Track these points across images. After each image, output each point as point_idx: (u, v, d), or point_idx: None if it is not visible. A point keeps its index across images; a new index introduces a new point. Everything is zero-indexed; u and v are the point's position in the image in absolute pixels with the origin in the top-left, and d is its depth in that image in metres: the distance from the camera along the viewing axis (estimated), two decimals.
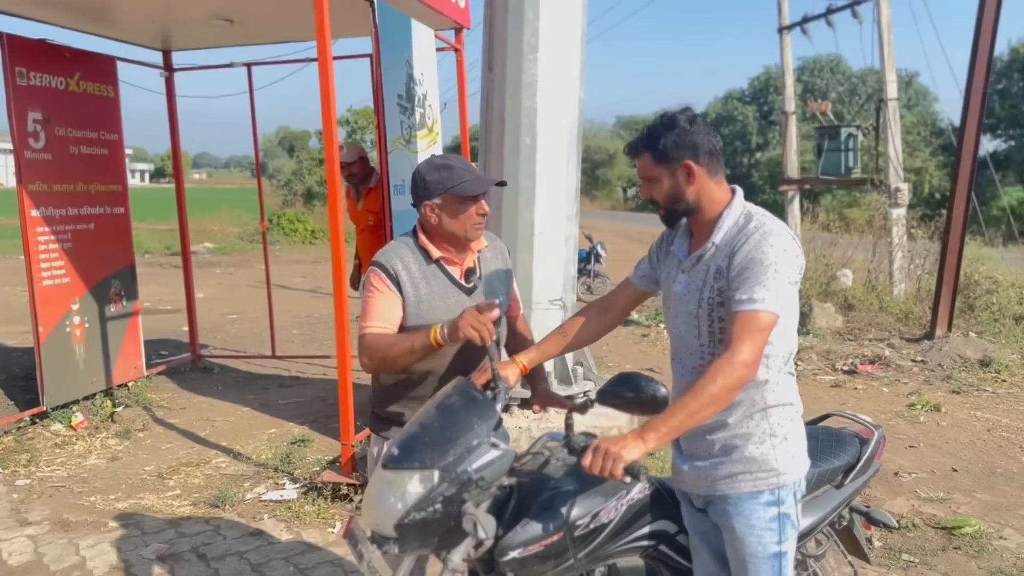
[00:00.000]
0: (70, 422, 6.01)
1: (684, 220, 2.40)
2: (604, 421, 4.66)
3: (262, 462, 5.41)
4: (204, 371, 7.90)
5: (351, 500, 4.72)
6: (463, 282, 2.73)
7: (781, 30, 16.43)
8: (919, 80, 45.83)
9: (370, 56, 7.00)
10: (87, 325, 6.42)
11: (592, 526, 2.33)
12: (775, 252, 2.15)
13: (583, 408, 2.24)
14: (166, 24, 6.44)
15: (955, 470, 5.50)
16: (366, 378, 6.31)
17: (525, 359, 2.64)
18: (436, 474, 2.14)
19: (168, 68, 7.51)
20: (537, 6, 4.41)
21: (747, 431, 2.28)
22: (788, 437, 2.31)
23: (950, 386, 7.57)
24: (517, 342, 2.94)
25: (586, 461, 2.07)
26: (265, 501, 4.84)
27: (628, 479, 2.04)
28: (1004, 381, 7.65)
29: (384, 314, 2.64)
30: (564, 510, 2.30)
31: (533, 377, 2.80)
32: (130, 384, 6.87)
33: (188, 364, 7.97)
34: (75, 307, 6.30)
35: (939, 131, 42.41)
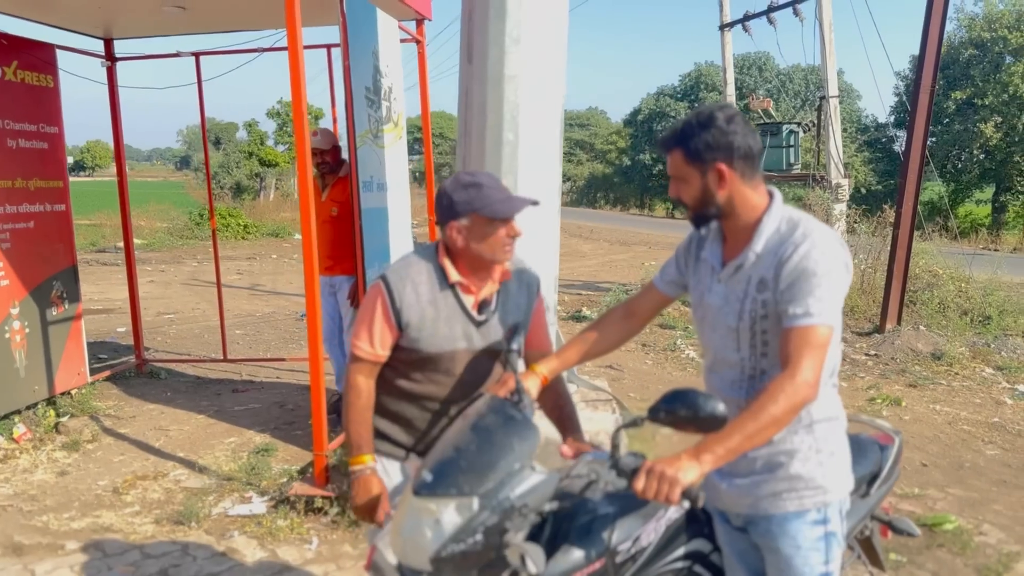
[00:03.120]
0: (11, 434, 5.61)
1: (715, 224, 2.28)
2: None
3: (225, 474, 5.11)
4: (151, 376, 7.50)
5: (326, 513, 4.50)
6: (475, 313, 2.56)
7: (722, 27, 16.55)
8: (844, 78, 46.96)
9: (328, 47, 6.78)
10: (27, 330, 6.01)
11: (633, 551, 2.20)
12: (827, 261, 2.04)
13: (633, 425, 2.09)
14: (113, 11, 6.05)
15: (925, 465, 5.55)
16: (330, 382, 6.10)
17: (546, 369, 2.50)
18: (475, 502, 1.98)
19: (110, 57, 7.08)
20: None
21: (792, 447, 2.18)
22: (835, 452, 2.21)
23: (906, 379, 7.68)
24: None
25: (639, 485, 1.93)
26: (233, 516, 4.58)
27: (687, 504, 1.91)
28: (957, 374, 7.80)
29: (378, 339, 2.53)
30: (605, 535, 2.16)
31: (562, 424, 2.65)
32: (74, 392, 6.47)
33: (133, 369, 7.55)
34: (15, 311, 5.89)
35: (864, 128, 43.52)
